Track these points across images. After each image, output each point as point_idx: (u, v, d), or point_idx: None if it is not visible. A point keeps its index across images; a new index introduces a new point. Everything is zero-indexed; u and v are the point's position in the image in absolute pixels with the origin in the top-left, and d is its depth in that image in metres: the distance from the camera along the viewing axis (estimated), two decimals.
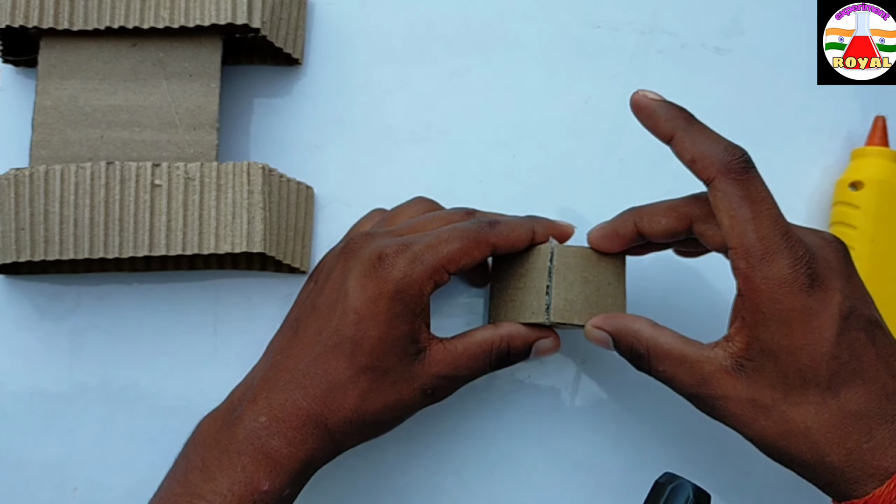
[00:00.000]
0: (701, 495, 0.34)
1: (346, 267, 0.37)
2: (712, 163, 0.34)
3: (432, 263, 0.36)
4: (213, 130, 0.42)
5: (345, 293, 0.36)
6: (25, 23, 0.41)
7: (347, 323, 0.36)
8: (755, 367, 0.33)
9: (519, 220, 0.39)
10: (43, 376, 0.44)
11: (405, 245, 0.36)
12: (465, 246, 0.37)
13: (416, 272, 0.36)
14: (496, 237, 0.38)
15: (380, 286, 0.36)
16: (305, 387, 0.36)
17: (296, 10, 0.45)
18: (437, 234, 0.37)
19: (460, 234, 0.37)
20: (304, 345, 0.37)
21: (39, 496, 0.43)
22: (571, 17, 0.47)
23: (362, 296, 0.36)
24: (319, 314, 0.37)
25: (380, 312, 0.36)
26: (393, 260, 0.36)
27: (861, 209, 0.43)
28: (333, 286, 0.37)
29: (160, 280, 0.45)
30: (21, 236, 0.40)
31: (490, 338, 0.38)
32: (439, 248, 0.36)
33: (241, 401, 0.37)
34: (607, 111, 0.47)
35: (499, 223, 0.38)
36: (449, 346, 0.37)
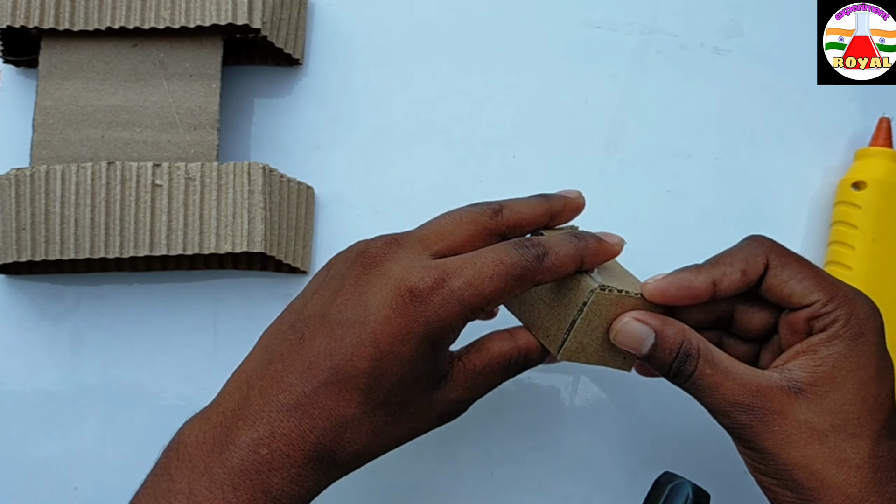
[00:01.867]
0: (700, 495, 0.34)
1: (366, 281, 0.33)
2: (758, 255, 0.35)
3: (471, 304, 0.32)
4: (213, 130, 0.42)
5: (363, 319, 0.32)
6: (26, 23, 0.41)
7: (364, 356, 0.31)
8: (817, 393, 0.33)
9: (568, 246, 0.35)
10: (43, 376, 0.44)
11: (442, 280, 0.32)
12: (510, 285, 0.33)
13: (452, 314, 0.32)
14: (543, 274, 0.34)
15: (409, 326, 0.31)
16: (313, 417, 0.31)
17: (296, 11, 0.45)
18: (479, 268, 0.32)
19: (507, 270, 0.33)
20: (310, 364, 0.32)
21: (40, 496, 0.43)
22: (571, 17, 0.47)
23: (386, 330, 0.31)
24: (331, 332, 0.32)
25: (405, 353, 0.32)
26: (427, 298, 0.32)
27: (863, 209, 0.43)
28: (348, 300, 0.33)
29: (160, 280, 0.45)
30: (22, 236, 0.40)
31: (508, 351, 0.35)
32: (481, 287, 0.32)
33: (236, 418, 0.32)
34: (607, 111, 0.47)
35: (547, 254, 0.34)
36: (468, 364, 0.34)
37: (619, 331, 0.35)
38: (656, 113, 0.47)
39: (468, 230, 0.35)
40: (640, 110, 0.47)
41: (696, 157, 0.46)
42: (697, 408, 0.44)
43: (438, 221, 0.35)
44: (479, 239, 0.35)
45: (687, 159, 0.46)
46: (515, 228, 0.36)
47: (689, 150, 0.46)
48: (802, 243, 0.46)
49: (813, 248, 0.46)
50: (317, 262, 0.45)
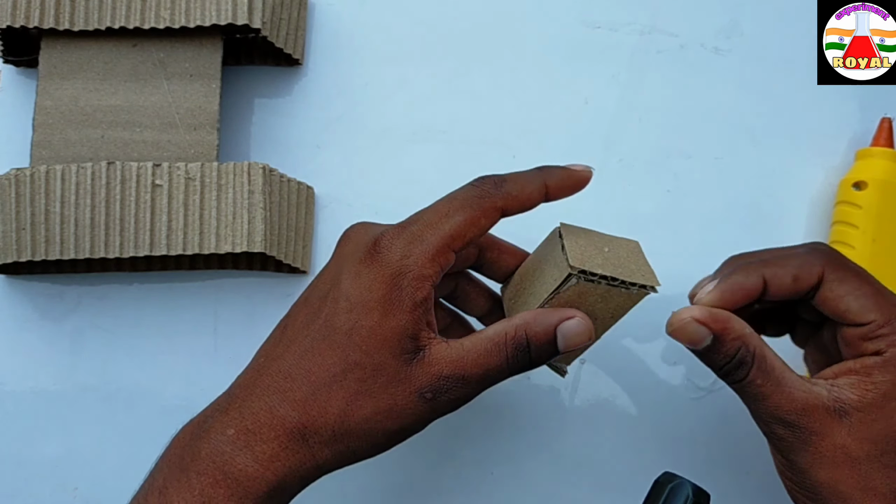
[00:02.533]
0: (700, 495, 0.34)
1: (341, 254, 0.34)
2: (814, 265, 0.34)
3: (434, 243, 0.32)
4: (213, 130, 0.42)
5: (337, 282, 0.33)
6: (26, 23, 0.41)
7: (338, 311, 0.32)
8: (861, 419, 0.32)
9: (528, 174, 0.35)
10: (43, 376, 0.44)
11: (402, 226, 0.33)
12: (470, 217, 0.33)
13: (415, 253, 0.32)
14: (504, 199, 0.33)
15: (375, 271, 0.32)
16: (285, 390, 0.31)
17: (296, 11, 0.45)
18: (434, 209, 0.33)
19: (461, 203, 0.33)
20: (289, 341, 0.33)
21: (39, 496, 0.43)
22: (571, 17, 0.47)
23: (356, 283, 0.32)
24: (310, 306, 0.33)
25: (374, 300, 0.31)
26: (389, 242, 0.32)
27: (864, 209, 0.43)
28: (327, 277, 0.34)
29: (160, 280, 0.45)
30: (22, 236, 0.40)
31: (503, 329, 0.33)
32: (440, 225, 0.32)
33: (215, 411, 0.32)
34: (607, 111, 0.47)
35: (505, 181, 0.34)
36: (454, 343, 0.32)
37: (677, 328, 0.33)
38: (656, 113, 0.47)
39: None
40: (640, 110, 0.47)
41: (696, 157, 0.46)
42: (697, 408, 0.44)
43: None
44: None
45: (687, 159, 0.46)
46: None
47: (689, 150, 0.46)
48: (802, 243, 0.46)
49: None
50: (317, 261, 0.45)
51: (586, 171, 0.36)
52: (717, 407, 0.44)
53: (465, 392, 0.32)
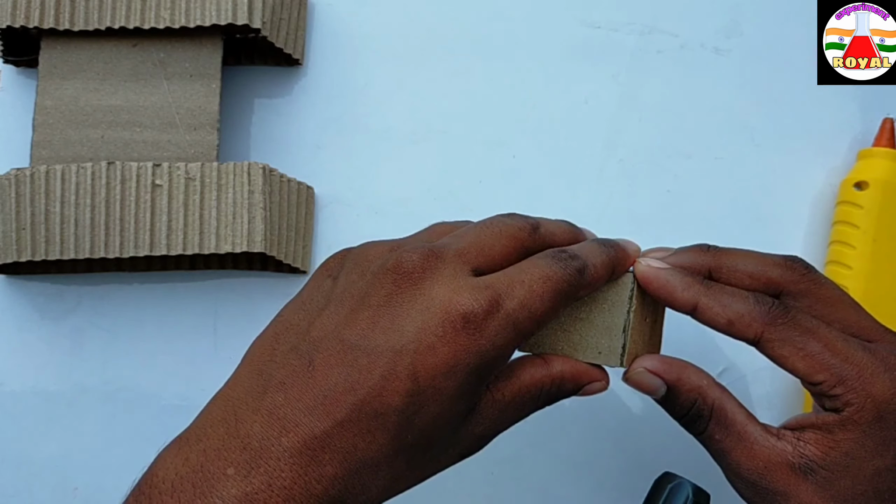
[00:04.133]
0: (700, 495, 0.34)
1: (400, 302, 0.28)
2: (753, 319, 0.31)
3: (525, 328, 0.29)
4: (213, 130, 0.42)
5: (399, 347, 0.27)
6: (26, 23, 0.41)
7: (399, 391, 0.27)
8: (827, 478, 0.31)
9: (601, 256, 0.32)
10: (43, 376, 0.44)
11: (496, 302, 0.28)
12: (557, 303, 0.30)
13: (507, 341, 0.28)
14: (585, 288, 0.31)
15: (458, 356, 0.27)
16: (322, 463, 0.26)
17: (296, 11, 0.45)
18: (529, 286, 0.29)
19: (555, 287, 0.30)
20: (324, 398, 0.27)
21: (39, 496, 0.43)
22: (571, 17, 0.47)
23: (429, 362, 0.27)
24: (353, 361, 0.27)
25: (449, 388, 0.27)
26: (482, 324, 0.28)
27: (865, 209, 0.43)
28: (377, 323, 0.28)
29: (160, 280, 0.45)
30: (22, 236, 0.40)
31: (541, 379, 0.31)
32: (534, 308, 0.29)
33: (223, 461, 0.26)
34: (607, 111, 0.47)
35: (587, 267, 0.31)
36: (497, 394, 0.30)
37: (631, 378, 0.33)
38: (656, 113, 0.47)
39: (507, 245, 0.31)
40: (640, 110, 0.47)
41: (696, 157, 0.46)
42: None
43: (477, 233, 0.31)
44: (515, 253, 0.31)
45: (687, 159, 0.46)
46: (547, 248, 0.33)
47: (689, 150, 0.46)
48: (803, 243, 0.46)
49: (813, 247, 0.46)
50: (317, 262, 0.45)
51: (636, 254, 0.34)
52: None
53: (493, 439, 0.32)
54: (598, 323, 0.33)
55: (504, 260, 0.31)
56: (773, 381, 0.44)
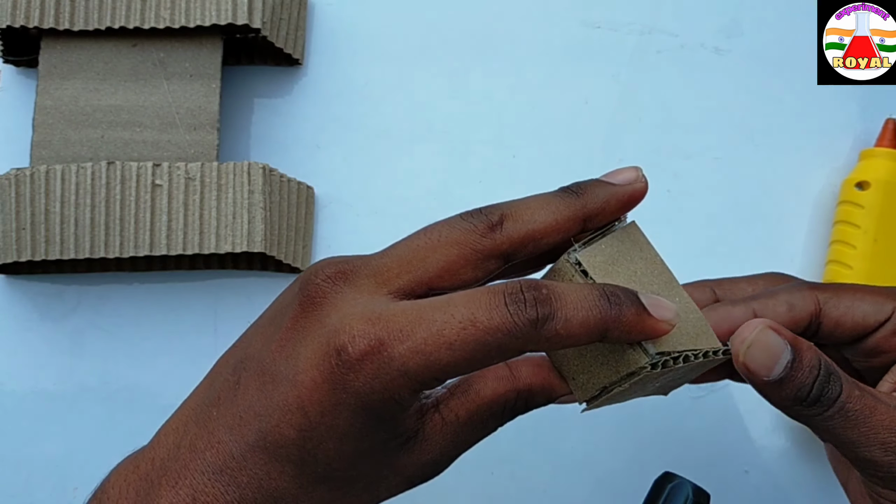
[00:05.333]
0: (700, 495, 0.34)
1: (301, 327, 0.26)
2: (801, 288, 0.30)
3: (419, 377, 0.24)
4: (213, 130, 0.42)
5: (293, 377, 0.25)
6: (26, 23, 0.41)
7: (292, 424, 0.25)
8: None
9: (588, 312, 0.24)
10: (43, 376, 0.44)
11: (380, 343, 0.24)
12: (481, 356, 0.24)
13: (391, 387, 0.24)
14: (538, 344, 0.24)
15: (338, 395, 0.24)
16: (241, 486, 0.25)
17: (296, 11, 0.45)
18: (439, 328, 0.24)
19: (479, 336, 0.24)
20: (240, 419, 0.26)
21: (39, 496, 0.43)
22: (571, 17, 0.47)
23: (314, 397, 0.25)
24: (262, 385, 0.26)
25: (339, 426, 0.25)
26: (357, 365, 0.24)
27: (866, 209, 0.43)
28: (283, 348, 0.26)
29: (160, 280, 0.45)
30: (22, 236, 0.40)
31: (504, 394, 0.27)
32: (435, 357, 0.24)
33: (161, 472, 0.26)
34: (607, 111, 0.47)
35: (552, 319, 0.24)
36: (448, 415, 0.27)
37: (753, 344, 0.26)
38: (656, 113, 0.47)
39: (447, 255, 0.26)
40: (640, 110, 0.47)
41: (696, 156, 0.46)
42: (697, 408, 0.44)
43: (409, 242, 0.27)
44: (466, 266, 0.26)
45: (687, 159, 0.46)
46: (524, 246, 0.26)
47: (689, 150, 0.46)
48: (804, 243, 0.46)
49: (814, 247, 0.46)
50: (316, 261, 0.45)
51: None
52: (717, 407, 0.44)
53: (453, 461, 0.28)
54: (585, 360, 0.27)
55: (445, 275, 0.26)
56: None
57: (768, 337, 0.26)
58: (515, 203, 0.27)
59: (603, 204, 0.27)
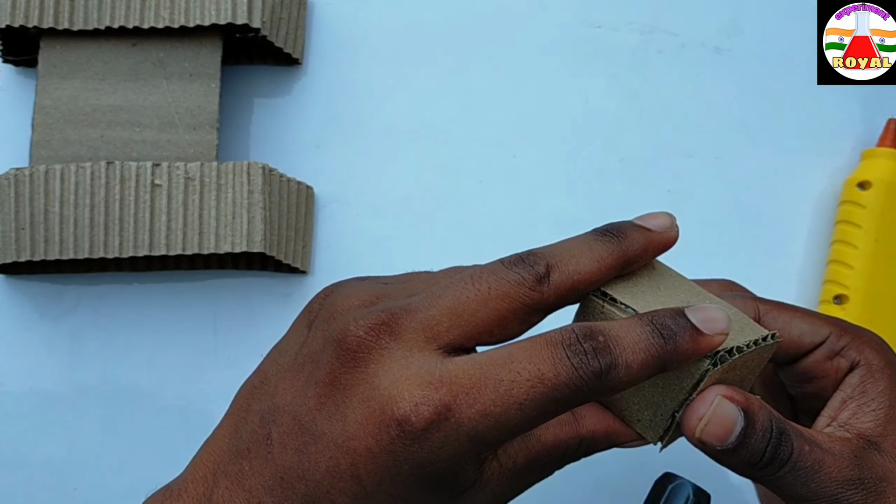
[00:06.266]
0: (701, 495, 0.34)
1: (344, 385, 0.24)
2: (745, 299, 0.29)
3: (488, 440, 0.23)
4: (213, 130, 0.42)
5: (341, 443, 0.23)
6: (25, 23, 0.41)
7: (344, 491, 0.23)
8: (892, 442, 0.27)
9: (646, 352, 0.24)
10: (43, 376, 0.44)
11: (446, 409, 0.23)
12: (548, 411, 0.23)
13: (459, 453, 0.23)
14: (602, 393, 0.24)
15: (398, 465, 0.23)
16: None
17: (296, 10, 0.45)
18: (507, 388, 0.23)
19: (547, 393, 0.23)
20: (281, 480, 0.24)
21: (39, 496, 0.43)
22: (571, 17, 0.47)
23: (370, 466, 0.23)
24: (303, 447, 0.24)
25: (398, 493, 0.23)
26: (423, 435, 0.23)
27: (867, 209, 0.43)
28: (324, 405, 0.24)
29: (160, 280, 0.45)
30: (21, 236, 0.40)
31: (566, 441, 0.26)
32: (505, 418, 0.23)
33: None
34: (607, 111, 0.47)
35: (615, 367, 0.23)
36: (507, 462, 0.26)
37: (710, 420, 0.25)
38: (656, 113, 0.47)
39: (498, 310, 0.24)
40: (640, 110, 0.47)
41: (697, 156, 0.46)
42: None
43: (457, 293, 0.25)
44: (515, 320, 0.25)
45: (687, 159, 0.46)
46: (570, 297, 0.26)
47: (689, 150, 0.46)
48: (805, 243, 0.46)
49: (814, 247, 0.46)
50: (316, 262, 0.45)
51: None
52: None
53: None
54: (646, 393, 0.26)
55: (497, 330, 0.25)
56: None
57: (724, 409, 0.25)
58: (559, 250, 0.26)
59: (642, 250, 0.27)
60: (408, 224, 0.46)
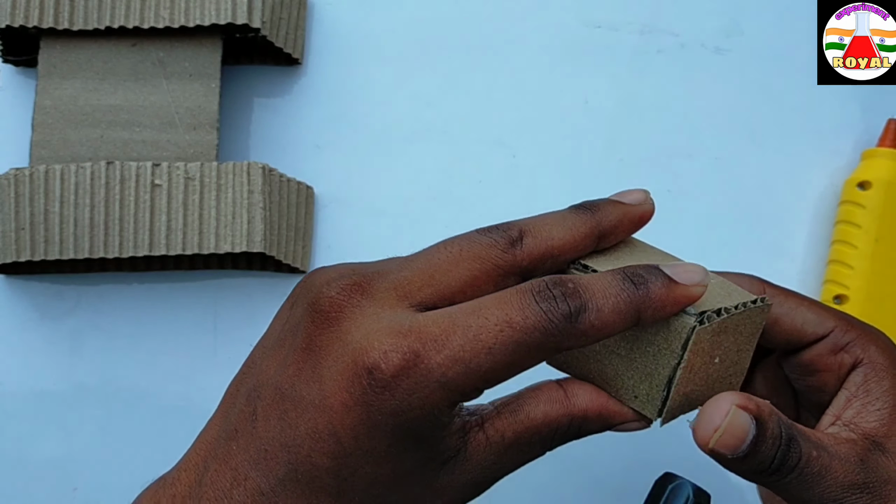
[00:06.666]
0: (701, 495, 0.34)
1: (319, 346, 0.24)
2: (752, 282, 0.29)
3: (461, 387, 0.23)
4: (213, 130, 0.42)
5: (319, 402, 0.24)
6: (25, 23, 0.41)
7: (325, 452, 0.24)
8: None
9: (617, 298, 0.24)
10: (43, 376, 0.44)
11: (415, 355, 0.23)
12: (521, 358, 0.23)
13: (431, 402, 0.23)
14: (574, 340, 0.24)
15: (373, 417, 0.23)
16: None
17: (296, 10, 0.45)
18: (475, 334, 0.23)
19: (517, 337, 0.23)
20: (265, 453, 0.24)
21: (39, 496, 0.43)
22: (571, 17, 0.47)
23: (346, 421, 0.23)
24: (284, 414, 0.24)
25: (377, 449, 0.24)
26: (393, 382, 0.23)
27: (867, 209, 0.43)
28: (301, 371, 0.25)
29: (160, 280, 0.45)
30: (21, 236, 0.40)
31: (557, 419, 0.26)
32: (475, 363, 0.23)
33: None
34: (607, 111, 0.47)
35: (585, 310, 0.24)
36: (493, 435, 0.25)
37: (726, 431, 0.25)
38: (656, 113, 0.47)
39: (470, 270, 0.25)
40: (640, 110, 0.47)
41: (697, 156, 0.46)
42: None
43: (429, 256, 0.25)
44: (487, 282, 0.25)
45: (687, 159, 0.46)
46: (543, 262, 0.26)
47: (689, 150, 0.46)
48: (805, 243, 0.46)
49: (814, 247, 0.46)
50: (316, 262, 0.45)
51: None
52: None
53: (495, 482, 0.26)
54: (637, 364, 0.26)
55: (468, 290, 0.25)
56: None
57: (738, 419, 0.25)
58: (532, 219, 0.27)
59: (616, 222, 0.27)
60: (408, 224, 0.46)
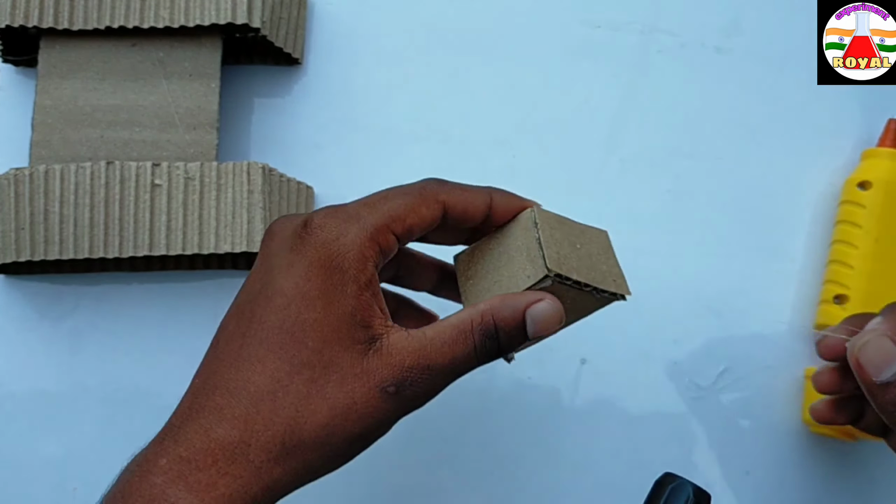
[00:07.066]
0: (701, 495, 0.34)
1: (268, 250, 0.30)
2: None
3: (372, 222, 0.29)
4: (213, 130, 0.42)
5: (268, 279, 0.29)
6: (25, 22, 0.41)
7: (273, 309, 0.28)
8: None
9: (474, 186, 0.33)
10: (43, 376, 0.44)
11: (336, 207, 0.30)
12: (411, 202, 0.31)
13: (352, 231, 0.29)
14: (446, 194, 0.32)
15: (309, 257, 0.29)
16: (221, 408, 0.28)
17: (296, 10, 0.45)
18: (375, 193, 0.31)
19: (403, 190, 0.31)
20: (222, 354, 0.29)
21: (39, 496, 0.43)
22: (571, 17, 0.47)
23: (289, 274, 0.29)
24: (240, 312, 0.30)
25: (314, 289, 0.28)
26: (321, 222, 0.29)
27: (867, 209, 0.43)
28: (255, 278, 0.30)
29: (160, 280, 0.45)
30: (21, 236, 0.40)
31: (468, 316, 0.30)
32: (379, 206, 0.30)
33: (151, 443, 0.29)
34: (607, 111, 0.47)
35: (448, 182, 0.33)
36: (415, 332, 0.29)
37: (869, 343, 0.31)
38: (657, 113, 0.47)
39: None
40: (641, 110, 0.47)
41: (697, 156, 0.46)
42: (697, 408, 0.44)
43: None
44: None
45: (687, 159, 0.46)
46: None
47: (689, 150, 0.46)
48: (805, 243, 0.46)
49: (815, 247, 0.46)
50: None
51: (530, 204, 0.34)
52: (718, 407, 0.44)
53: (432, 384, 0.29)
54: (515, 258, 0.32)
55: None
56: (773, 380, 0.44)
57: (884, 342, 0.30)
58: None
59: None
60: None
